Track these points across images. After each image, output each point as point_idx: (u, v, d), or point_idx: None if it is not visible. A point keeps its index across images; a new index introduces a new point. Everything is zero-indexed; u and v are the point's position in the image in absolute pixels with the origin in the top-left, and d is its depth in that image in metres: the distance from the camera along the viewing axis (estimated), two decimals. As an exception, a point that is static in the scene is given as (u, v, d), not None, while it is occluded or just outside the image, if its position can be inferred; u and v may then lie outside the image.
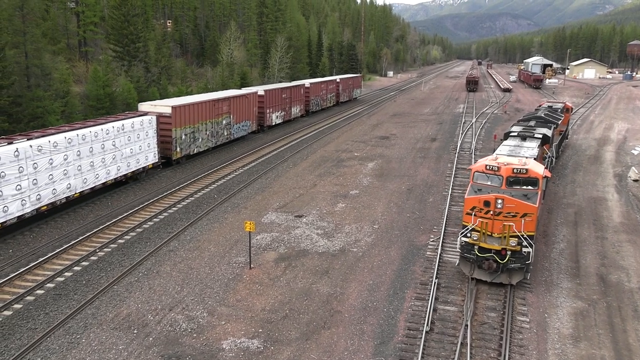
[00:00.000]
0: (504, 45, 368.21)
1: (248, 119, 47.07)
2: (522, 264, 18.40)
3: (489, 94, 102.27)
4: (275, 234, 24.13)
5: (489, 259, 18.55)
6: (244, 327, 16.38)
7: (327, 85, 70.57)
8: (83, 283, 18.98)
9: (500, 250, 18.41)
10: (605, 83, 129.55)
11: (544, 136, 27.40)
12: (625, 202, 29.91)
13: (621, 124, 60.62)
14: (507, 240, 18.26)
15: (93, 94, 42.42)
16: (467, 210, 18.97)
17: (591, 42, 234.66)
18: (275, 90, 53.15)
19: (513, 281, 18.79)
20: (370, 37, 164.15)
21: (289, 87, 57.25)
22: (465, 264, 19.29)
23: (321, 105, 68.77)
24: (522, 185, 19.16)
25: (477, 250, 18.68)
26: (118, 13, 51.08)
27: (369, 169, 36.74)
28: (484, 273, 18.94)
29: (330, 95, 72.09)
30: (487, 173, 19.55)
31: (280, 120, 55.07)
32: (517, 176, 19.18)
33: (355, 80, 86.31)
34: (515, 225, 18.12)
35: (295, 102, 58.78)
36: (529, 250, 18.20)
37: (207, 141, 39.91)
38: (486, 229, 18.52)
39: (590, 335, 16.29)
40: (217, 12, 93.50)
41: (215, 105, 40.85)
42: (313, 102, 65.62)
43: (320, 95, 68.08)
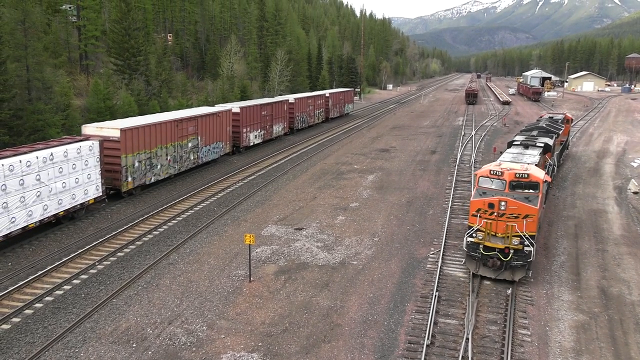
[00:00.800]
0: (502, 59, 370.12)
1: (220, 139, 41.87)
2: (524, 261, 19.68)
3: (488, 106, 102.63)
4: (275, 246, 24.08)
5: (493, 257, 19.89)
6: (243, 340, 16.28)
7: (314, 100, 65.96)
8: (82, 297, 18.90)
9: (504, 249, 19.71)
10: (603, 96, 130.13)
11: (545, 145, 28.35)
12: (625, 215, 29.88)
13: (620, 136, 60.77)
14: (510, 240, 19.61)
15: (94, 107, 42.58)
16: (472, 212, 20.34)
17: (589, 55, 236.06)
18: (253, 107, 48.48)
19: (516, 277, 19.95)
20: (370, 50, 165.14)
21: (270, 103, 52.33)
22: (471, 262, 20.54)
23: (308, 122, 64.16)
24: (523, 188, 20.37)
25: (482, 249, 20.02)
26: (119, 27, 51.43)
27: (369, 182, 36.75)
28: (488, 270, 20.16)
29: (318, 112, 67.49)
30: (491, 177, 20.81)
31: (260, 139, 50.05)
32: (519, 180, 20.38)
33: (347, 95, 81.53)
34: (518, 225, 19.45)
35: (277, 120, 53.89)
36: (531, 249, 19.50)
37: (169, 167, 34.74)
38: (490, 229, 19.89)
39: (592, 348, 16.19)
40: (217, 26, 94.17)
41: (179, 126, 35.73)
42: (298, 119, 61.04)
43: (307, 112, 63.50)
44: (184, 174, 37.68)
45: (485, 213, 19.92)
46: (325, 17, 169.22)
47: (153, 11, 77.79)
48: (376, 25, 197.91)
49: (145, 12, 68.51)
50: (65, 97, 40.05)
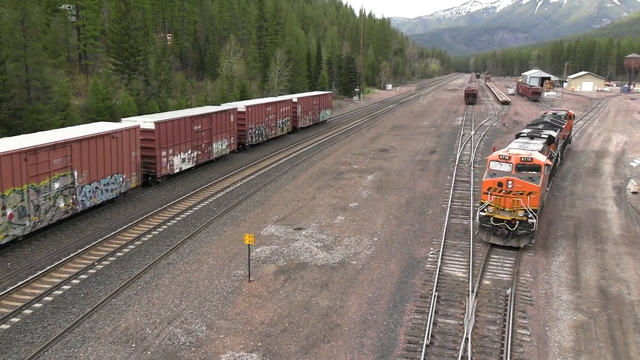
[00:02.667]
0: (502, 59, 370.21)
1: (119, 171, 29.48)
2: (528, 231, 23.08)
3: (488, 106, 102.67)
4: (274, 246, 24.07)
5: (502, 227, 23.28)
6: (242, 340, 16.27)
7: (276, 107, 54.10)
8: (81, 296, 18.89)
9: (511, 220, 23.11)
10: (603, 96, 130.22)
11: (549, 136, 31.56)
12: (624, 214, 29.90)
13: (619, 136, 60.81)
14: (516, 213, 23.05)
15: (93, 107, 42.55)
16: (484, 191, 23.86)
17: (589, 55, 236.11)
18: (179, 120, 35.82)
19: (521, 244, 23.32)
20: (369, 50, 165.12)
21: (206, 114, 39.58)
22: (483, 232, 24.03)
23: (267, 134, 52.39)
24: (528, 170, 23.87)
25: (492, 220, 23.43)
26: (118, 27, 51.39)
27: (368, 182, 36.75)
28: (498, 238, 23.53)
29: (282, 121, 55.75)
30: (500, 161, 24.37)
31: (191, 163, 37.85)
32: (524, 163, 23.96)
33: (323, 100, 70.11)
34: (522, 201, 22.91)
35: (219, 135, 41.49)
36: (534, 220, 22.87)
37: (8, 227, 21.95)
38: (499, 204, 23.37)
39: (591, 348, 16.20)
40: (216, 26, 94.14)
41: (32, 159, 22.99)
42: (252, 131, 49.10)
43: (265, 122, 51.74)
44: (41, 231, 24.66)
45: (495, 191, 23.37)
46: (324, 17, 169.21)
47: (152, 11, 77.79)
48: (375, 25, 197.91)
49: (144, 12, 68.52)
50: (65, 97, 40.03)
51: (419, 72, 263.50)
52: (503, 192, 23.24)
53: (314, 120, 67.26)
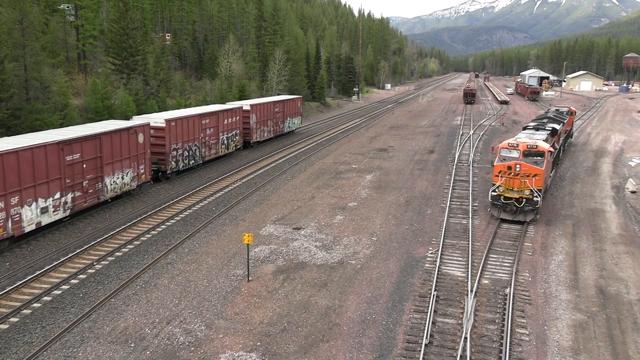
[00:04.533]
0: (500, 58, 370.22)
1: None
2: (533, 207, 26.75)
3: (487, 106, 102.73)
4: (273, 246, 24.08)
5: (511, 204, 26.95)
6: (242, 340, 16.28)
7: (217, 119, 40.86)
8: (80, 296, 18.88)
9: (518, 198, 26.80)
10: (601, 95, 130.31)
11: (553, 129, 35.26)
12: (623, 214, 29.94)
13: (618, 135, 60.87)
14: (523, 192, 26.70)
15: (92, 107, 42.49)
16: (495, 174, 27.64)
17: (587, 55, 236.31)
18: (44, 147, 23.93)
19: (527, 219, 26.92)
20: (368, 50, 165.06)
21: (98, 134, 27.56)
22: (495, 209, 27.76)
23: (202, 156, 39.25)
24: (533, 156, 27.60)
25: (503, 199, 27.10)
26: (117, 26, 51.32)
27: (367, 181, 36.76)
28: (507, 214, 27.16)
29: (226, 137, 42.75)
30: (509, 148, 28.17)
31: (61, 214, 25.15)
32: (530, 150, 27.74)
33: (289, 106, 57.75)
34: (529, 181, 26.64)
35: (119, 164, 29.43)
36: (538, 198, 26.61)
37: None
38: (509, 185, 27.09)
39: (590, 347, 16.22)
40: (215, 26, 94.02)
41: None
42: (176, 154, 35.91)
43: (199, 140, 38.67)
44: None
45: (505, 173, 27.10)
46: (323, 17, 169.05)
47: (151, 11, 77.68)
48: (374, 25, 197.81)
49: (143, 12, 68.37)
50: (64, 96, 39.96)
51: (418, 72, 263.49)
52: (512, 174, 26.98)
53: (277, 132, 54.83)
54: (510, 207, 26.92)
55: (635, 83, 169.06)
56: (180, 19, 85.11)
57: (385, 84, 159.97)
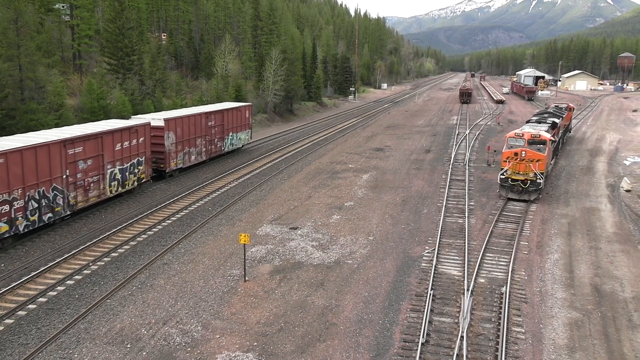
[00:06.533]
0: (496, 58, 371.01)
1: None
2: (536, 188, 30.85)
3: (482, 105, 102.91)
4: (270, 246, 24.06)
5: (517, 185, 30.97)
6: (238, 340, 16.26)
7: (98, 145, 27.87)
8: (76, 297, 18.82)
9: (524, 180, 30.81)
10: (596, 95, 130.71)
11: (553, 122, 39.34)
12: (618, 212, 30.05)
13: (613, 134, 61.08)
14: (528, 175, 30.73)
15: (87, 107, 42.38)
16: (503, 159, 31.62)
17: (582, 55, 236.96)
18: None
19: (531, 198, 30.98)
20: (364, 49, 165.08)
21: None
22: (503, 189, 31.61)
23: (69, 203, 25.94)
24: (537, 144, 31.61)
25: (510, 181, 31.10)
26: (113, 26, 51.19)
27: (363, 181, 36.78)
28: (514, 194, 31.16)
29: (119, 169, 29.63)
30: (515, 138, 32.04)
31: None
32: (534, 138, 31.72)
33: (232, 116, 44.92)
34: (533, 165, 30.65)
35: None
36: (541, 180, 30.59)
37: None
38: (515, 169, 31.07)
39: (585, 345, 16.28)
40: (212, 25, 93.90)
41: None
42: (27, 205, 23.29)
43: (62, 180, 25.39)
44: None
45: (512, 159, 31.14)
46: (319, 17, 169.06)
47: (147, 10, 77.46)
48: (370, 25, 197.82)
49: (139, 12, 68.18)
50: (59, 96, 39.83)
51: (414, 72, 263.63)
52: (518, 159, 30.99)
53: (212, 153, 42.08)
54: (516, 187, 31.00)
55: (630, 82, 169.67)
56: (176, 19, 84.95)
57: (381, 83, 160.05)
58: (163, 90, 58.27)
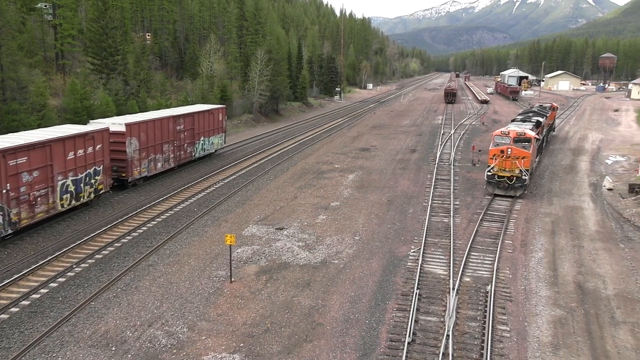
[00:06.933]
0: (481, 58, 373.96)
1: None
2: (522, 184, 31.76)
3: (467, 105, 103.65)
4: (256, 246, 24.00)
5: (503, 182, 31.84)
6: (225, 341, 16.20)
7: (45, 153, 25.06)
8: (59, 300, 18.60)
9: (509, 177, 31.67)
10: (579, 94, 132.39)
11: (537, 121, 40.31)
12: (600, 211, 30.47)
13: (595, 134, 61.91)
14: (514, 171, 31.52)
15: (71, 107, 41.91)
16: (490, 156, 32.24)
17: (565, 55, 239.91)
18: None
19: (517, 193, 31.87)
20: (350, 49, 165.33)
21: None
22: (490, 186, 32.41)
23: (9, 221, 22.91)
24: (522, 142, 32.23)
25: (496, 177, 31.90)
26: (96, 26, 50.68)
27: (349, 181, 36.84)
28: (500, 190, 32.02)
29: (72, 180, 26.97)
30: (502, 135, 32.74)
31: None
32: (519, 136, 32.34)
33: (204, 120, 42.41)
34: (518, 162, 31.50)
35: None
36: (526, 177, 31.61)
37: None
38: (501, 166, 31.81)
39: (569, 342, 16.47)
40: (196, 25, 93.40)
41: None
42: None
43: (3, 196, 22.53)
44: None
45: (498, 156, 31.76)
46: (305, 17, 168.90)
47: (131, 10, 76.77)
48: (356, 25, 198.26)
49: (122, 11, 67.56)
50: (41, 97, 39.35)
51: (400, 72, 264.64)
52: (504, 157, 31.60)
53: (181, 159, 39.33)
54: (502, 184, 31.81)
55: (611, 83, 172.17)
56: (160, 19, 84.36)
57: (367, 83, 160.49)
58: (147, 90, 57.82)
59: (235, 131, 62.37)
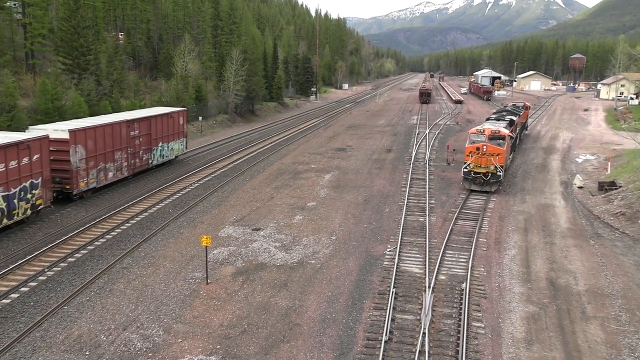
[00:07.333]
0: (454, 59, 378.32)
1: None
2: (497, 180, 33.04)
3: (442, 105, 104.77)
4: (232, 248, 23.87)
5: (479, 178, 33.01)
6: (201, 344, 16.07)
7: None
8: (31, 304, 18.21)
9: (485, 173, 32.83)
10: (550, 94, 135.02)
11: (510, 120, 42.20)
12: (571, 208, 31.14)
13: (566, 133, 63.23)
14: (489, 168, 32.70)
15: (41, 108, 41.08)
16: (466, 154, 33.37)
17: (536, 56, 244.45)
18: None
19: (492, 189, 33.11)
20: (325, 50, 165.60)
21: None
22: (466, 182, 33.58)
23: None
24: (496, 139, 33.75)
25: (473, 174, 33.06)
26: (67, 25, 49.77)
27: (325, 181, 36.91)
28: (476, 185, 33.18)
29: (8, 194, 24.11)
30: (477, 133, 34.25)
31: None
32: (494, 134, 33.98)
33: (163, 124, 39.51)
34: (493, 159, 32.58)
35: None
36: (501, 173, 32.78)
37: None
38: (477, 162, 32.91)
39: (542, 338, 16.80)
40: (170, 25, 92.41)
41: None
42: None
43: None
44: None
45: (474, 153, 32.91)
46: (280, 17, 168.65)
47: (103, 9, 75.58)
48: (331, 25, 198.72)
49: (95, 10, 66.50)
50: (11, 97, 38.46)
51: (375, 72, 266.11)
52: (480, 154, 32.73)
53: (136, 167, 36.35)
54: (478, 180, 33.04)
55: (581, 83, 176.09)
56: (133, 18, 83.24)
57: (342, 84, 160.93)
58: (121, 90, 57.03)
59: (210, 131, 61.93)
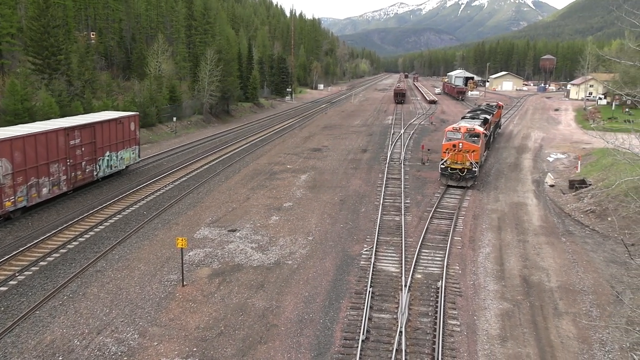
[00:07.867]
0: (428, 59, 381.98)
1: None
2: (472, 175, 34.54)
3: (416, 105, 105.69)
4: (208, 249, 23.69)
5: (455, 173, 34.49)
6: (177, 346, 15.91)
7: None
8: (1, 310, 17.77)
9: (461, 169, 34.35)
10: (521, 95, 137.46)
11: (484, 118, 43.18)
12: (543, 207, 31.75)
13: (537, 132, 64.45)
14: (465, 164, 34.19)
15: (10, 109, 40.12)
16: (443, 150, 34.95)
17: (508, 56, 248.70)
18: None
19: (468, 184, 34.58)
20: (301, 50, 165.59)
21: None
22: (444, 177, 35.00)
23: None
24: (471, 136, 35.07)
25: (449, 170, 34.52)
26: (37, 24, 48.73)
27: (301, 181, 36.90)
28: (453, 181, 34.60)
29: None
30: (453, 131, 35.59)
31: None
32: (469, 132, 35.28)
33: (112, 131, 35.35)
34: (469, 155, 34.15)
35: None
36: (476, 169, 34.37)
37: None
38: (454, 159, 34.39)
39: (516, 334, 17.10)
40: (143, 25, 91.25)
41: None
42: None
43: None
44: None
45: (450, 150, 34.42)
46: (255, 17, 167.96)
47: (74, 8, 74.20)
48: (306, 26, 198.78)
49: (65, 9, 65.18)
50: (-23, 98, 37.49)
51: (350, 72, 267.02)
52: (456, 150, 34.27)
53: (77, 181, 31.97)
54: (455, 175, 34.51)
55: (552, 83, 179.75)
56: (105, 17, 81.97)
57: (318, 84, 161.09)
58: (93, 91, 56.07)
59: (185, 132, 61.33)
